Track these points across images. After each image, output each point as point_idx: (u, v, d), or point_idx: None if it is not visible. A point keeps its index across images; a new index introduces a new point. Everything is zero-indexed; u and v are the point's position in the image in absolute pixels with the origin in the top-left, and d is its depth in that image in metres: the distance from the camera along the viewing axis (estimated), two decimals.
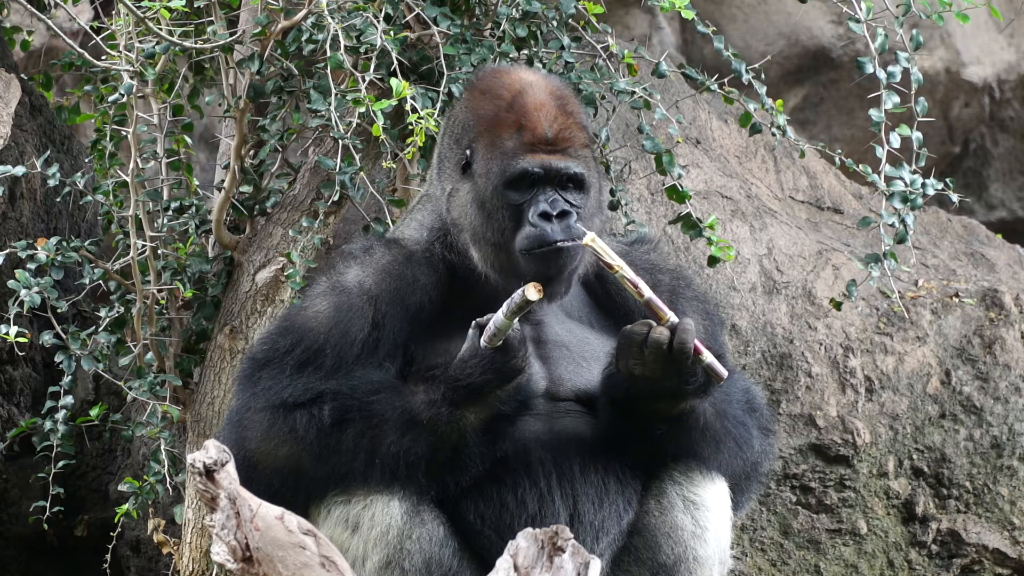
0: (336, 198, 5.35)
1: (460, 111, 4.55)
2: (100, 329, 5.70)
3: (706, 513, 4.48)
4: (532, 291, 4.18)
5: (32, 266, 5.52)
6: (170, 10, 5.26)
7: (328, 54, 5.18)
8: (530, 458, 4.38)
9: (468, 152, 4.46)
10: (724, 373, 4.30)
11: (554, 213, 4.34)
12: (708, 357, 4.29)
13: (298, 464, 4.34)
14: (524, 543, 3.95)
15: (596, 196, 4.48)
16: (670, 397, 4.36)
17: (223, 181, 5.71)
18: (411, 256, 4.54)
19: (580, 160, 4.40)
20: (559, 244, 4.33)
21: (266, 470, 4.36)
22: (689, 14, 5.39)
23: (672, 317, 4.29)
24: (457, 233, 4.49)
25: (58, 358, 5.67)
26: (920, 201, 5.54)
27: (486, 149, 4.42)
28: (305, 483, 4.35)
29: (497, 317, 4.23)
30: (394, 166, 5.48)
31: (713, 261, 5.46)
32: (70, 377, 5.67)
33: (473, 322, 4.29)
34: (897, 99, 5.48)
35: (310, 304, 4.48)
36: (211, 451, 4.02)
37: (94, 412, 5.87)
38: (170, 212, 5.69)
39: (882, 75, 5.48)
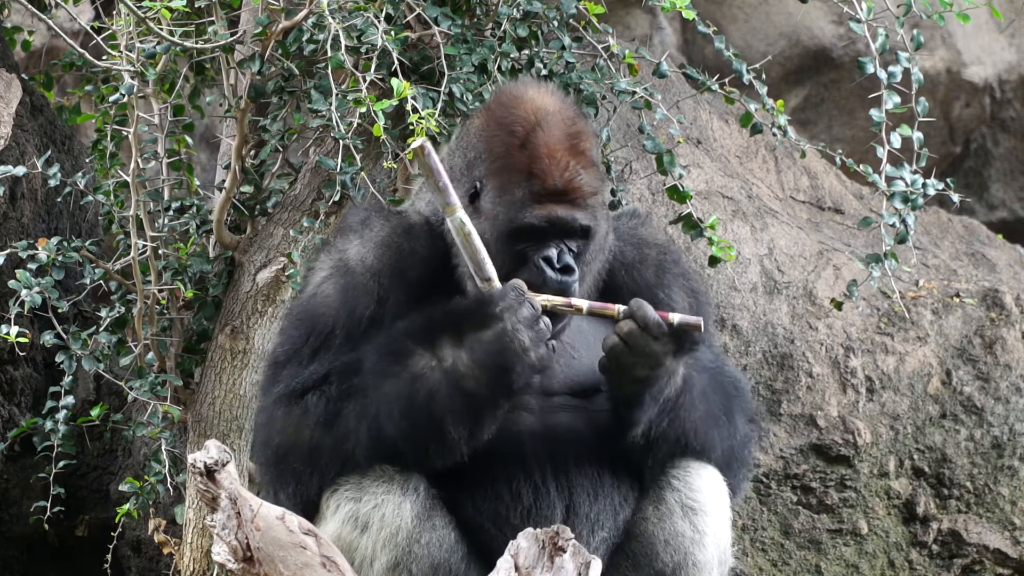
0: (337, 198, 5.35)
1: (473, 135, 4.52)
2: (101, 329, 5.70)
3: (705, 518, 4.47)
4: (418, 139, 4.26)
5: (33, 266, 5.52)
6: (171, 10, 5.26)
7: (329, 54, 5.18)
8: (524, 452, 4.39)
9: (478, 185, 4.46)
10: (698, 320, 4.34)
11: (559, 266, 4.39)
12: (675, 317, 4.33)
13: (317, 444, 4.34)
14: (525, 543, 3.95)
15: (601, 237, 4.50)
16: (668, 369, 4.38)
17: (224, 181, 5.71)
18: (411, 228, 4.55)
19: (587, 210, 4.42)
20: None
21: (292, 458, 4.37)
22: (690, 14, 5.39)
23: (620, 307, 4.33)
24: (455, 257, 4.50)
25: (59, 358, 5.67)
26: (921, 201, 5.54)
27: (495, 191, 4.43)
28: (321, 463, 4.35)
29: None
30: (395, 166, 5.48)
31: (714, 261, 5.46)
32: (71, 377, 5.67)
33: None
34: (898, 99, 5.48)
35: (318, 290, 4.50)
36: (212, 451, 4.02)
37: (95, 412, 5.87)
38: (171, 212, 5.69)
39: (883, 75, 5.48)
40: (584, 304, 4.33)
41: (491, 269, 4.30)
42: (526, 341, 4.25)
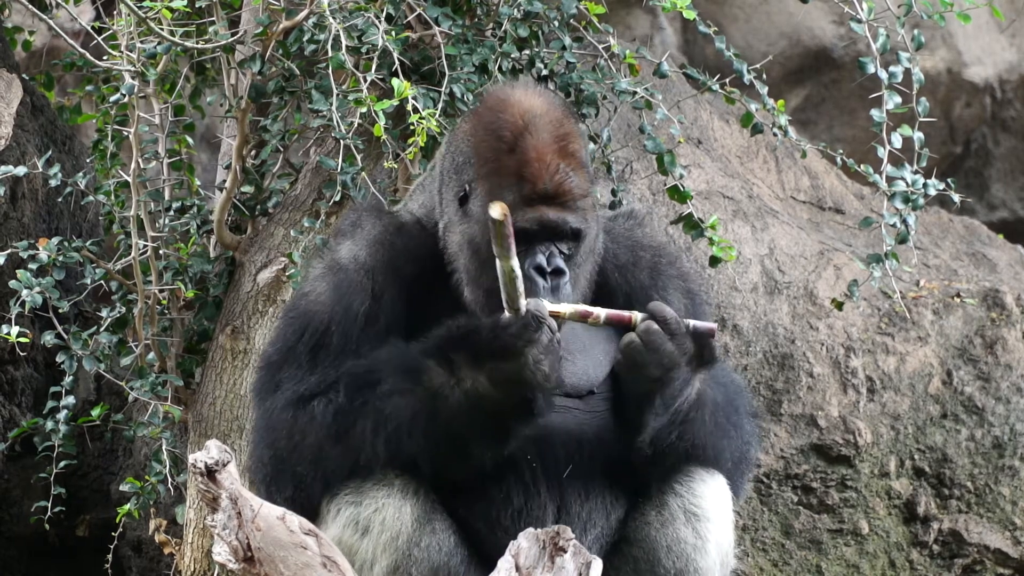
0: (338, 198, 5.36)
1: (461, 139, 4.51)
2: (102, 329, 5.70)
3: (707, 524, 4.47)
4: (495, 209, 4.17)
5: (34, 266, 5.53)
6: (171, 10, 5.26)
7: (330, 54, 5.18)
8: (514, 453, 4.38)
9: (467, 188, 4.45)
10: (712, 326, 4.35)
11: (549, 270, 4.37)
12: (690, 322, 4.34)
13: (324, 452, 4.33)
14: (526, 543, 3.95)
15: (592, 239, 4.48)
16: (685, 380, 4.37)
17: (225, 181, 5.71)
18: (402, 227, 4.56)
19: (578, 212, 4.40)
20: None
21: (295, 462, 4.36)
22: (691, 14, 5.39)
23: (637, 314, 4.31)
24: (450, 262, 4.49)
25: (60, 358, 5.67)
26: (921, 201, 5.54)
27: (485, 195, 4.40)
28: (327, 469, 4.34)
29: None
30: (395, 166, 5.48)
31: (715, 261, 5.46)
32: (72, 377, 5.67)
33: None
34: (899, 99, 5.48)
35: (311, 288, 4.51)
36: (213, 451, 4.02)
37: (95, 412, 5.87)
38: (172, 212, 5.69)
39: (883, 75, 5.48)
40: (602, 314, 4.31)
41: (523, 302, 4.24)
42: (546, 369, 4.24)
